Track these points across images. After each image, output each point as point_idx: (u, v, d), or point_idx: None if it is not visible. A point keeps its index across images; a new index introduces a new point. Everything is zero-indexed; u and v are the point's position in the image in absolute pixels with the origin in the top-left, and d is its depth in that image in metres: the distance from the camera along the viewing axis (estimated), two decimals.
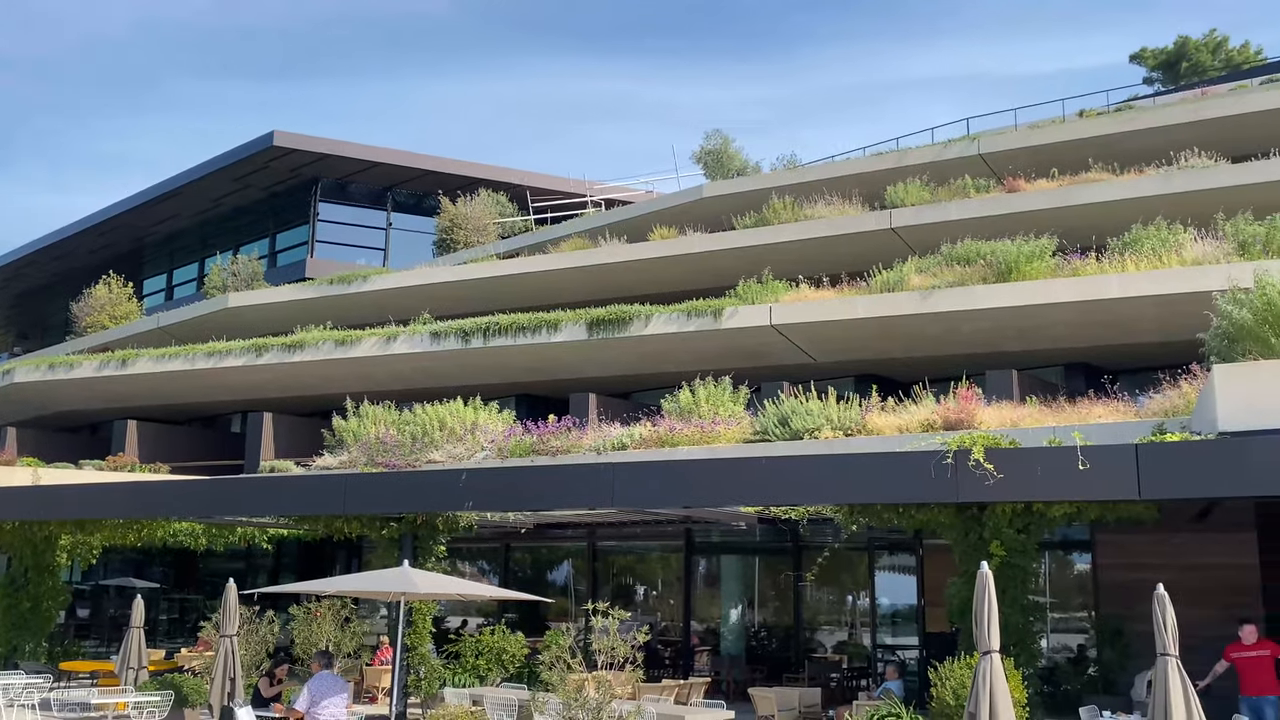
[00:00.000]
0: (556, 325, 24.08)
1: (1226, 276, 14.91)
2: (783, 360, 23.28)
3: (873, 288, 22.28)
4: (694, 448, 18.52)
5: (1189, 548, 15.92)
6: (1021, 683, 11.86)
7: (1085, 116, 28.72)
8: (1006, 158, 26.90)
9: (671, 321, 22.89)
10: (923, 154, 28.26)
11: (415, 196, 40.08)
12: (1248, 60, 45.14)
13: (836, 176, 28.59)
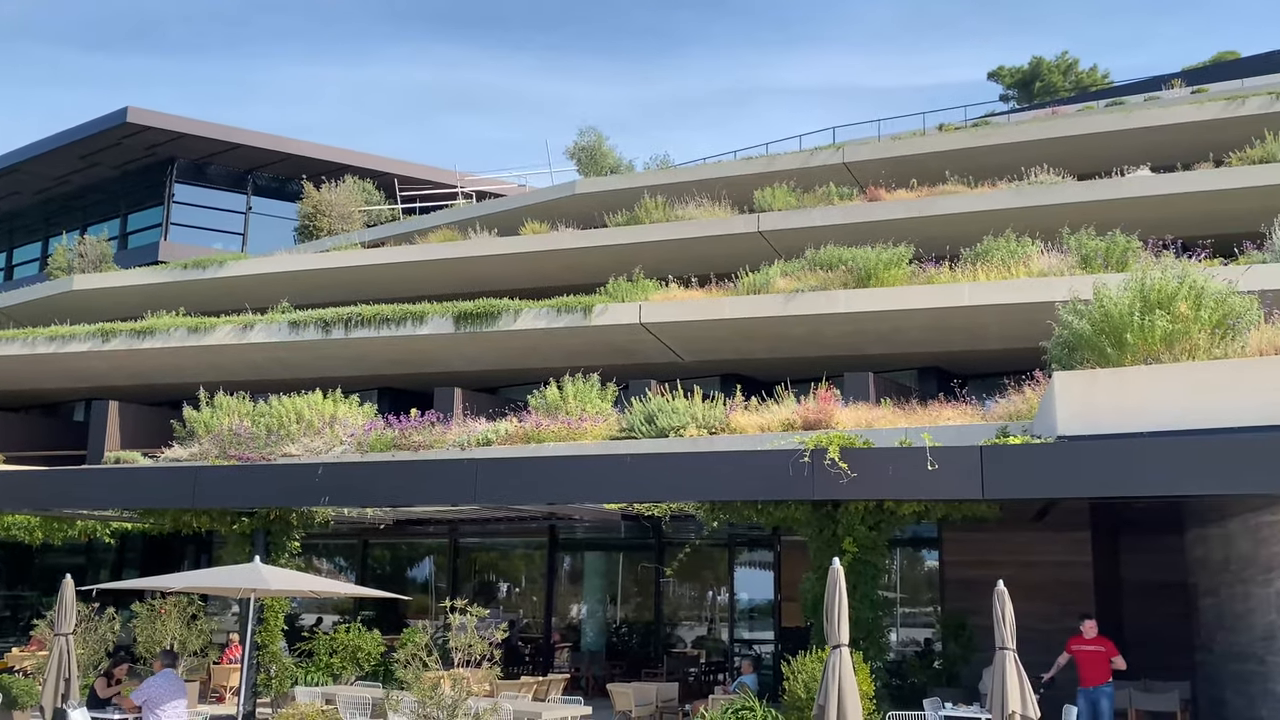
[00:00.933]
0: (422, 318, 23.68)
1: (1069, 288, 15.65)
2: (651, 358, 23.46)
3: (740, 289, 22.65)
4: (560, 444, 18.48)
5: (1029, 546, 16.70)
6: (870, 676, 12.23)
7: (944, 130, 29.81)
8: (869, 167, 27.72)
9: (541, 317, 22.78)
10: (791, 160, 28.88)
11: (277, 181, 38.83)
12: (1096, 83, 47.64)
13: (707, 179, 28.96)
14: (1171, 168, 24.09)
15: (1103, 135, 25.74)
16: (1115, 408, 12.15)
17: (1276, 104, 24.30)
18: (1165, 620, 16.46)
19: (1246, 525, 12.82)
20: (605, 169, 34.05)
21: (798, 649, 12.93)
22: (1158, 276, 13.21)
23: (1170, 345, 12.72)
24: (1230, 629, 13.88)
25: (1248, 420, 11.38)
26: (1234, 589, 13.59)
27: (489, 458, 17.03)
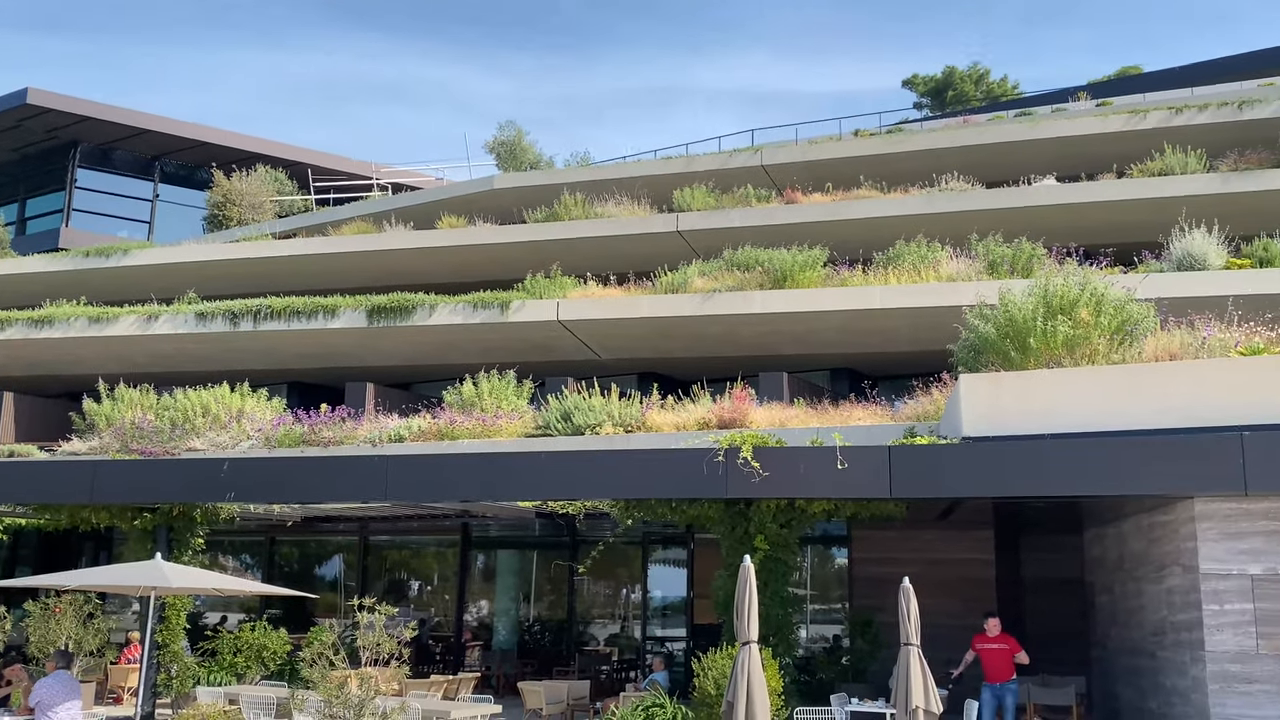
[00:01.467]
0: (334, 311, 23.26)
1: (976, 293, 16.06)
2: (569, 356, 23.40)
3: (658, 288, 22.73)
4: (475, 441, 18.32)
5: (934, 544, 17.10)
6: (779, 672, 12.40)
7: (860, 136, 30.29)
8: (787, 170, 28.04)
9: (457, 312, 22.56)
10: (710, 161, 29.07)
11: (186, 168, 37.77)
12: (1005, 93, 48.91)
13: (627, 177, 28.99)
14: (1076, 178, 24.82)
15: (1011, 144, 26.41)
16: (1018, 410, 12.49)
17: (1175, 118, 25.22)
18: (1063, 617, 16.99)
19: (1140, 525, 13.30)
20: (525, 165, 33.87)
21: (710, 646, 13.05)
22: (1060, 283, 13.61)
23: (1071, 350, 13.12)
24: (1124, 625, 14.37)
25: (1143, 423, 11.80)
26: (1128, 586, 14.09)
27: (401, 454, 16.82)
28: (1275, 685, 10.56)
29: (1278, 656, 10.57)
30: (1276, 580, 10.75)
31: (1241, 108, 24.76)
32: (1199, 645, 11.01)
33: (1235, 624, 10.75)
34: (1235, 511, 11.02)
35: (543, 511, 18.65)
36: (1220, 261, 19.63)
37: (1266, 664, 10.61)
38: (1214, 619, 10.86)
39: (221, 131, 36.75)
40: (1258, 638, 10.69)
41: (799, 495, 13.26)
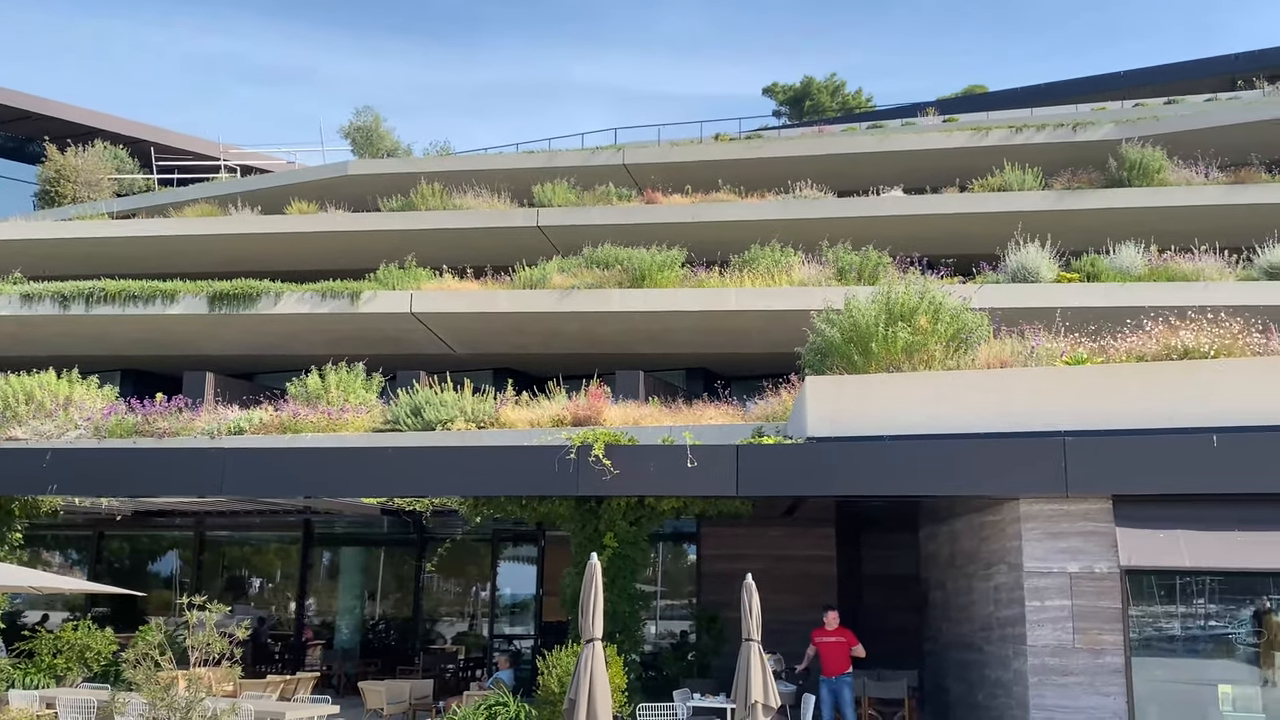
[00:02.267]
0: (173, 296, 22.23)
1: (824, 298, 16.48)
2: (422, 349, 22.97)
3: (516, 283, 22.54)
4: (320, 435, 17.77)
5: (779, 541, 17.49)
6: (623, 669, 12.45)
7: (720, 140, 30.77)
8: (648, 170, 28.24)
9: (304, 301, 21.87)
10: (572, 158, 29.01)
11: (16, 141, 35.50)
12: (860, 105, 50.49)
13: (488, 169, 28.66)
14: (923, 190, 25.80)
15: (863, 155, 27.26)
16: (859, 412, 12.86)
17: (1015, 137, 26.49)
18: (899, 612, 17.61)
19: (971, 524, 13.89)
20: (382, 151, 33.09)
21: (558, 644, 13.01)
22: (902, 291, 14.09)
23: (910, 355, 13.59)
24: (954, 620, 14.99)
25: (975, 427, 12.32)
26: (959, 583, 14.70)
27: (241, 447, 16.17)
28: (1088, 677, 11.18)
29: (1092, 651, 11.19)
30: (1093, 578, 11.37)
31: (1076, 129, 26.18)
32: (1021, 640, 11.57)
33: (1054, 619, 11.34)
34: (1056, 512, 11.62)
35: (389, 508, 18.25)
36: (1051, 275, 20.70)
37: (1081, 657, 11.22)
38: (1035, 615, 11.43)
39: (56, 103, 34.71)
40: (1074, 633, 11.29)
41: (649, 493, 13.36)
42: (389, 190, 28.04)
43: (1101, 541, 11.35)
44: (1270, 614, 11.40)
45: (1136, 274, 20.64)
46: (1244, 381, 11.75)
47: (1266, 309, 17.53)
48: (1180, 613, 11.62)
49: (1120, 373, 12.31)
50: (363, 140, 33.44)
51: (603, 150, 29.37)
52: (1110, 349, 13.78)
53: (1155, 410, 11.79)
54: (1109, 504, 11.43)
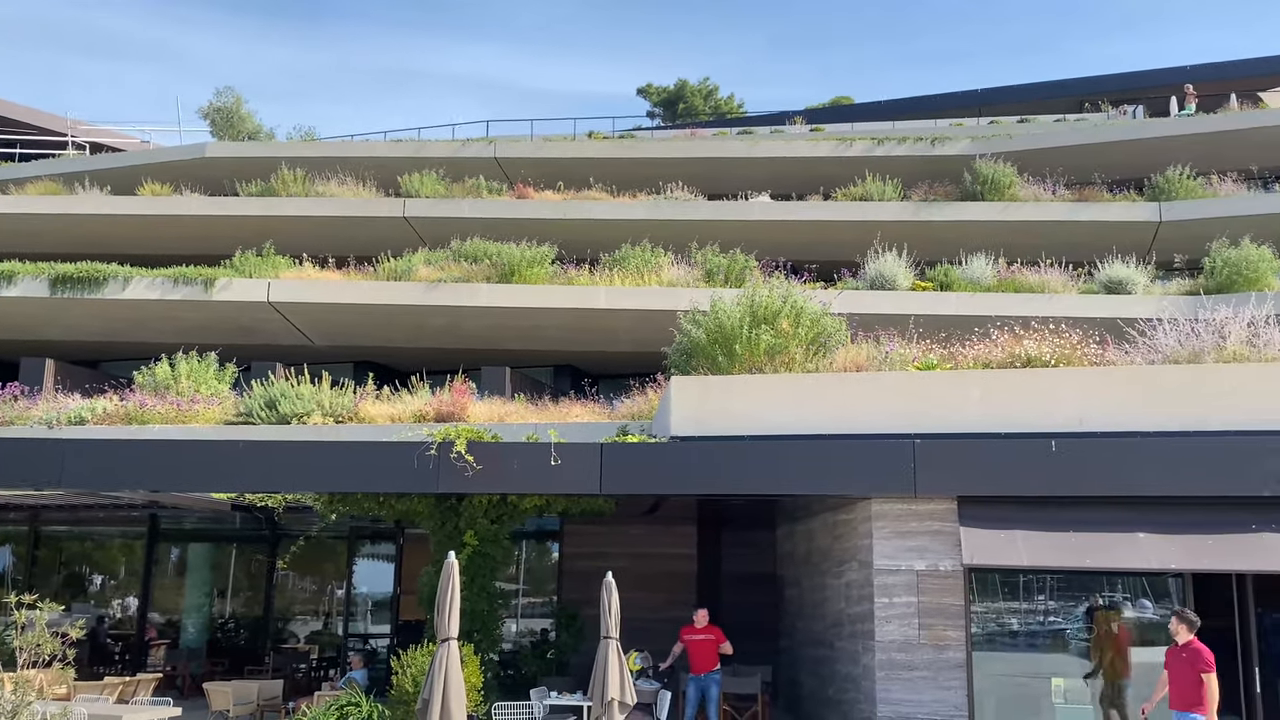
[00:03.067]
0: (11, 277, 21.00)
1: (691, 299, 16.67)
2: (279, 340, 22.28)
3: (379, 274, 22.10)
4: (168, 427, 17.06)
5: (641, 539, 17.62)
6: (480, 668, 12.32)
7: (593, 138, 30.78)
8: (520, 165, 28.05)
9: (155, 287, 20.95)
10: (442, 148, 28.58)
11: None
12: (732, 111, 51.26)
13: (354, 157, 27.99)
14: (789, 196, 26.36)
15: (733, 160, 27.68)
16: (722, 412, 13.05)
17: (877, 149, 27.30)
18: (757, 609, 17.95)
19: (826, 523, 14.26)
20: (243, 134, 31.94)
21: (415, 643, 12.79)
22: (766, 294, 14.36)
23: (772, 358, 13.87)
24: (808, 617, 15.37)
25: (832, 429, 12.64)
26: (813, 580, 15.08)
27: (81, 438, 15.38)
28: (932, 672, 11.61)
29: (935, 646, 11.63)
30: (938, 576, 11.81)
31: (934, 144, 27.16)
32: (870, 636, 11.93)
33: (901, 616, 11.73)
34: (905, 512, 12.02)
35: (240, 504, 17.64)
36: (907, 283, 21.44)
37: (926, 652, 11.64)
38: (884, 611, 11.80)
39: None
40: (919, 628, 11.71)
41: (512, 491, 13.25)
42: (249, 175, 27.09)
43: (947, 541, 11.80)
44: (1101, 611, 12.06)
45: (986, 284, 21.54)
46: (1081, 389, 12.38)
47: (1104, 321, 18.56)
48: (1020, 609, 12.18)
49: (967, 379, 12.81)
50: (223, 122, 32.20)
51: (474, 142, 29.03)
52: (959, 356, 14.34)
53: (999, 415, 12.31)
54: (954, 505, 11.88)
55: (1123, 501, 11.61)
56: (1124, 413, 12.03)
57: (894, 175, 25.89)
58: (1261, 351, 12.64)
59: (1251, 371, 12.16)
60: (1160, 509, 11.53)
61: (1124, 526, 11.41)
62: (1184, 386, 12.15)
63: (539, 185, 26.85)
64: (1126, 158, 26.19)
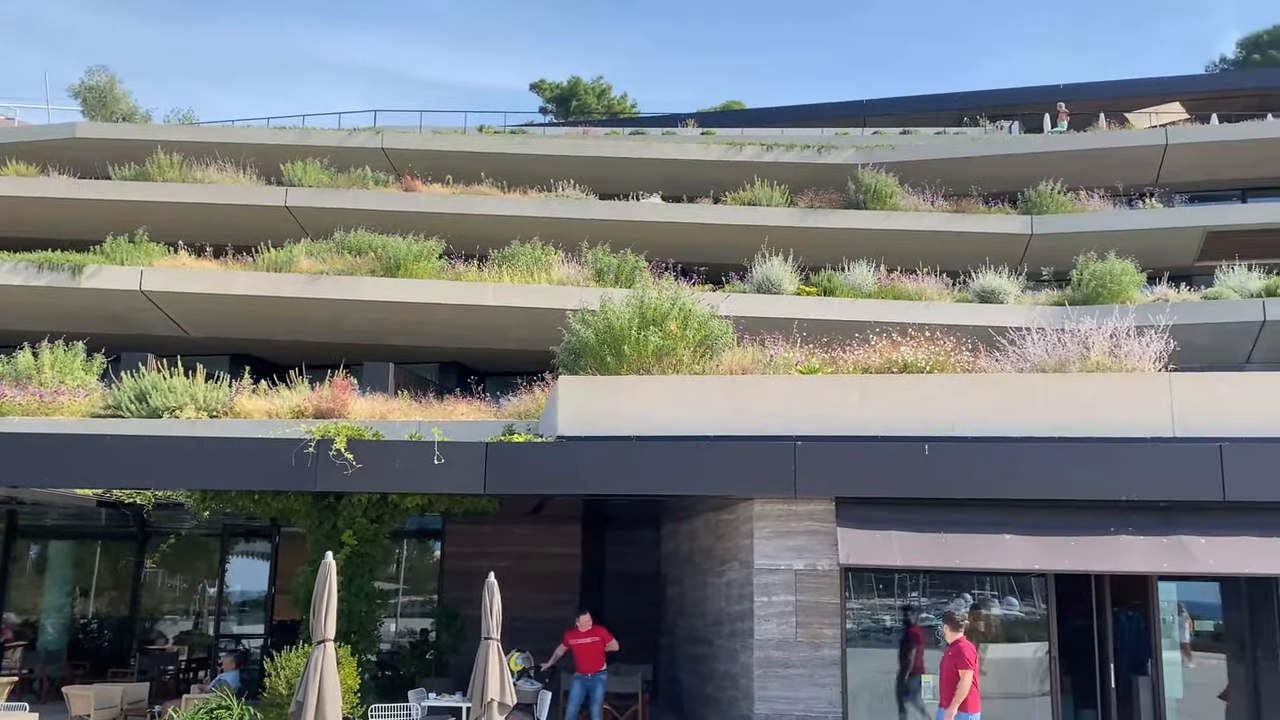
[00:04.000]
0: None
1: (580, 298, 16.67)
2: (152, 330, 21.47)
3: (259, 265, 21.50)
4: (29, 419, 16.27)
5: (525, 538, 17.55)
6: (356, 669, 12.11)
7: (484, 133, 30.50)
8: (408, 157, 27.62)
9: (17, 272, 19.98)
10: (328, 137, 27.95)
11: None
12: (625, 110, 51.41)
13: (235, 143, 27.14)
14: (680, 198, 26.59)
15: (625, 160, 27.77)
16: (609, 412, 13.10)
17: (766, 154, 27.74)
18: (639, 608, 18.05)
19: (709, 522, 14.44)
20: (117, 115, 30.65)
21: (290, 644, 12.48)
22: (655, 296, 14.47)
23: (660, 359, 13.98)
24: (690, 615, 15.54)
25: (717, 430, 12.81)
26: (695, 579, 15.24)
27: None
28: (808, 669, 11.87)
29: (811, 644, 11.89)
30: (815, 575, 12.08)
31: (820, 152, 27.73)
32: (749, 634, 12.13)
33: (779, 614, 11.96)
34: (786, 513, 12.26)
35: (106, 500, 16.93)
36: (793, 288, 21.86)
37: (802, 650, 11.90)
38: (763, 610, 12.01)
39: None
40: (797, 627, 11.96)
41: (393, 490, 13.05)
42: (123, 157, 26.02)
43: (825, 540, 12.07)
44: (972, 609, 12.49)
45: (868, 291, 22.12)
46: (953, 395, 12.82)
47: (977, 329, 19.23)
48: (896, 607, 12.54)
49: (847, 383, 13.13)
50: (95, 101, 30.84)
51: (361, 132, 28.46)
52: (840, 360, 14.69)
53: (877, 419, 12.66)
54: (833, 505, 12.17)
55: (992, 504, 12.06)
56: (993, 418, 12.50)
57: (782, 181, 26.34)
58: (1122, 362, 13.28)
59: (1112, 381, 12.76)
60: (1026, 511, 12.02)
61: (992, 528, 11.85)
62: (1049, 394, 12.69)
63: (428, 179, 26.48)
64: (1002, 171, 27.19)
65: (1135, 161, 27.15)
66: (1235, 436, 11.99)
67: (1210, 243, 24.76)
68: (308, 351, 22.09)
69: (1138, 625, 12.66)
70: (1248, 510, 11.78)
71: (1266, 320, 21.15)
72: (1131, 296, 21.63)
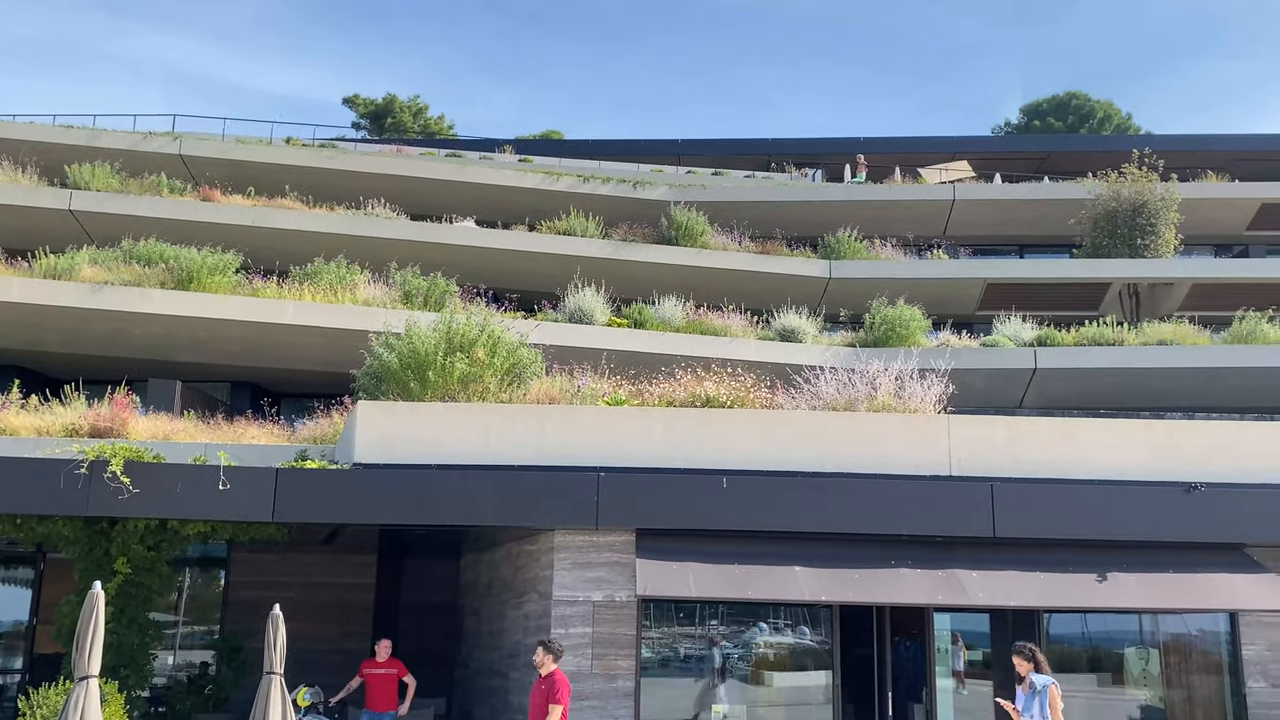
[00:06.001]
0: None
1: (385, 321, 16.30)
2: None
3: (35, 271, 19.99)
4: None
5: (316, 568, 16.92)
6: (124, 707, 11.33)
7: (292, 144, 29.51)
8: (208, 165, 26.39)
9: None
10: (121, 139, 26.38)
11: None
12: (442, 131, 50.80)
13: (13, 139, 25.26)
14: (495, 224, 26.43)
15: (439, 182, 27.43)
16: (410, 440, 12.82)
17: (582, 185, 28.00)
18: (435, 639, 17.67)
19: (510, 553, 14.31)
20: None
21: (51, 679, 11.54)
22: (463, 322, 14.30)
23: (466, 386, 13.82)
24: (485, 647, 15.32)
25: (521, 460, 12.74)
26: (493, 610, 15.05)
27: None
28: (602, 701, 11.89)
29: (606, 676, 11.93)
30: (613, 606, 12.14)
31: (636, 187, 28.22)
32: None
33: (575, 646, 11.94)
34: (587, 544, 12.29)
35: None
36: (604, 319, 22.07)
37: (597, 683, 11.91)
38: (560, 642, 11.95)
39: None
40: (593, 659, 11.97)
41: (174, 515, 12.34)
42: None
43: (624, 572, 12.16)
44: (763, 639, 12.84)
45: (676, 325, 22.59)
46: (752, 430, 13.21)
47: (777, 366, 19.96)
48: (694, 636, 12.74)
49: (652, 416, 13.33)
50: None
51: (158, 136, 27.01)
52: (646, 393, 14.92)
53: (680, 452, 12.90)
54: (633, 537, 12.29)
55: (784, 537, 12.47)
56: (788, 454, 12.95)
57: (597, 213, 26.63)
58: (906, 403, 14.04)
59: (896, 421, 13.46)
60: (816, 544, 12.48)
61: (783, 560, 12.24)
62: (840, 432, 13.26)
63: (228, 189, 25.34)
64: (805, 216, 28.40)
65: (925, 214, 28.92)
66: (1005, 477, 12.85)
67: (990, 293, 26.59)
68: (86, 365, 20.67)
69: (915, 654, 13.34)
70: (1014, 546, 12.63)
71: (1038, 368, 22.84)
72: (919, 341, 22.93)
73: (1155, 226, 26.58)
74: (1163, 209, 26.72)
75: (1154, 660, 13.12)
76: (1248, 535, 12.74)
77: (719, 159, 34.18)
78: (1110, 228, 26.79)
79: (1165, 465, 13.06)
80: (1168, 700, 12.89)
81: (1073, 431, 13.67)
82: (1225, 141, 34.36)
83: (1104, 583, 12.18)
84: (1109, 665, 13.20)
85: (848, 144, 34.32)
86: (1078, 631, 13.40)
